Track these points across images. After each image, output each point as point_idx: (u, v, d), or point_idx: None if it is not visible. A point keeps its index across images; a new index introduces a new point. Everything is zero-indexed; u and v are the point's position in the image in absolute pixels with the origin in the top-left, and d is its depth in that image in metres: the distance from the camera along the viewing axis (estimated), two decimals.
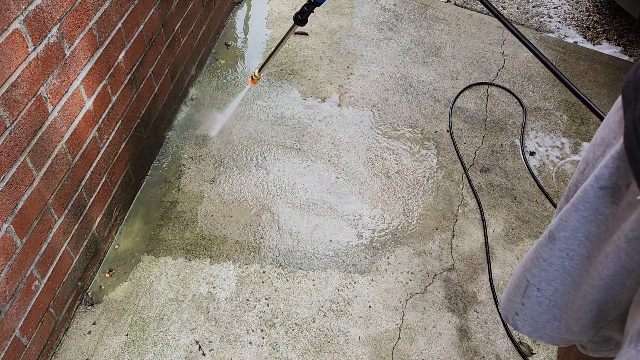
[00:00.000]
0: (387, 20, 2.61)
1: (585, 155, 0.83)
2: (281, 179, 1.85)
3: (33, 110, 1.13)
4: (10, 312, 1.16)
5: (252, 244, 1.66)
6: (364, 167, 1.92)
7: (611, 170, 0.74)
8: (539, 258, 0.90)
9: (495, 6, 2.81)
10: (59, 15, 1.16)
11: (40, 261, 1.25)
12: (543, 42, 2.59)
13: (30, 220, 1.18)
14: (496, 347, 1.48)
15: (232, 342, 1.43)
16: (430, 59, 2.41)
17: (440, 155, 1.99)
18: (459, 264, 1.66)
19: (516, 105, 2.23)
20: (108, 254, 1.61)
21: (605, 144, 0.78)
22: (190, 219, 1.71)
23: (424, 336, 1.48)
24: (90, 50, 1.31)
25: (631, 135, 0.66)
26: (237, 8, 2.59)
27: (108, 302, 1.49)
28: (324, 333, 1.47)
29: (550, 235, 0.87)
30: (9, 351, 1.17)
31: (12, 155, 1.08)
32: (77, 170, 1.35)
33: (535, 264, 0.92)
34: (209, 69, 2.26)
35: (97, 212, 1.51)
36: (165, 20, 1.74)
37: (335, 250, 1.66)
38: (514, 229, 1.77)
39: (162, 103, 1.85)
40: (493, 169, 1.96)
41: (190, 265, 1.59)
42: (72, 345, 1.41)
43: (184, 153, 1.91)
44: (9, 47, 1.01)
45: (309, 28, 2.52)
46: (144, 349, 1.40)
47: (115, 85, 1.47)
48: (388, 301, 1.55)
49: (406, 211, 1.79)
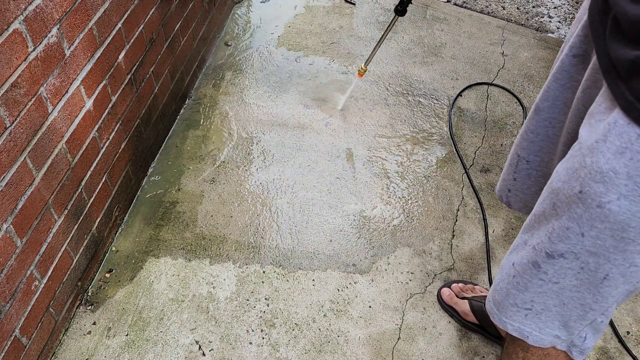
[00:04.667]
0: (387, 20, 2.61)
1: (565, 38, 0.94)
2: (281, 178, 1.85)
3: (33, 110, 1.13)
4: (10, 312, 1.16)
5: (252, 244, 1.66)
6: (364, 167, 1.92)
7: (581, 39, 0.85)
8: (527, 131, 1.01)
9: (496, 6, 2.82)
10: (59, 15, 1.16)
11: (40, 261, 1.25)
12: (543, 42, 2.59)
13: (30, 220, 1.18)
14: (496, 347, 1.48)
15: (232, 342, 1.43)
16: (430, 59, 2.41)
17: (440, 155, 1.99)
18: (459, 264, 1.66)
19: (516, 105, 2.23)
20: (108, 254, 1.61)
21: (578, 21, 0.88)
22: (190, 219, 1.71)
23: (424, 336, 1.48)
24: (90, 50, 1.31)
25: (592, 3, 0.76)
26: (237, 8, 2.59)
27: (108, 302, 1.49)
28: (324, 333, 1.47)
29: (536, 107, 0.98)
30: (8, 351, 1.17)
31: (12, 155, 1.08)
32: (77, 170, 1.35)
33: (524, 138, 1.02)
34: (209, 68, 2.26)
35: (97, 212, 1.51)
36: (165, 20, 1.74)
37: (335, 250, 1.66)
38: (514, 229, 1.77)
39: (162, 103, 1.85)
40: (493, 169, 1.96)
41: (190, 266, 1.59)
42: (72, 345, 1.41)
43: (184, 153, 1.91)
44: (8, 47, 1.01)
45: (309, 28, 2.52)
46: (144, 349, 1.40)
47: (115, 85, 1.47)
48: (388, 301, 1.55)
49: (406, 211, 1.79)
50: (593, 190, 0.71)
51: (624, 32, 0.67)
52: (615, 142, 0.67)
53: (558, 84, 0.91)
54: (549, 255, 0.82)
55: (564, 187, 0.76)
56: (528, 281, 0.87)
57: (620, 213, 0.69)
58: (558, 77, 0.91)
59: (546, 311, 0.89)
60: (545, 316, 0.90)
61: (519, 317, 0.93)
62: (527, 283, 0.88)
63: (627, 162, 0.67)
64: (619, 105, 0.67)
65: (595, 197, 0.71)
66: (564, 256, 0.80)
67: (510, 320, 0.94)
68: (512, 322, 0.94)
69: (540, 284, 0.86)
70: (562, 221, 0.77)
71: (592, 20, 0.74)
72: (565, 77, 0.90)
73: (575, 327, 0.89)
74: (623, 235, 0.71)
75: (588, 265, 0.78)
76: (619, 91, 0.67)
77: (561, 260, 0.81)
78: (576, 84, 0.88)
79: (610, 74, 0.69)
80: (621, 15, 0.66)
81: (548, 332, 0.91)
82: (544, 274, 0.84)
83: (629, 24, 0.65)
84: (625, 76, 0.66)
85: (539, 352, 0.97)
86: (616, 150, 0.67)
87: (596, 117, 0.72)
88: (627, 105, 0.66)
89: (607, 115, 0.70)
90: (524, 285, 0.88)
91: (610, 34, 0.69)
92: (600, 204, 0.71)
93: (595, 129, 0.71)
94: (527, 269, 0.87)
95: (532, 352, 0.98)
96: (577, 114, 0.85)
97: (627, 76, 0.66)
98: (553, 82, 0.92)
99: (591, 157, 0.70)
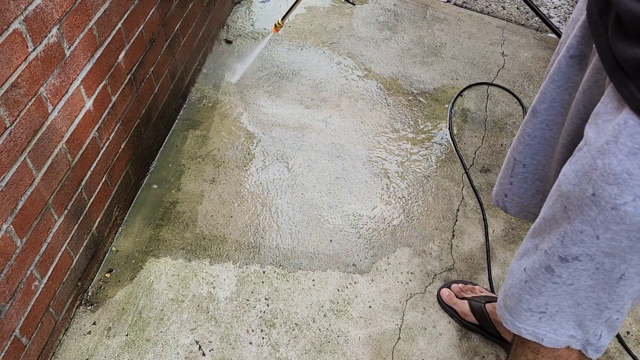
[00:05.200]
0: (387, 20, 2.61)
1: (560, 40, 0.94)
2: (281, 178, 1.85)
3: (33, 110, 1.13)
4: (10, 312, 1.16)
5: (252, 244, 1.66)
6: (364, 167, 1.92)
7: (578, 39, 0.84)
8: (524, 134, 1.00)
9: (496, 6, 2.82)
10: (59, 15, 1.16)
11: (40, 261, 1.25)
12: (543, 42, 2.59)
13: (30, 220, 1.18)
14: (496, 347, 1.48)
15: (232, 342, 1.43)
16: (430, 59, 2.41)
17: (440, 155, 1.99)
18: (459, 264, 1.66)
19: (516, 105, 2.23)
20: (108, 254, 1.61)
21: (574, 21, 0.87)
22: (190, 219, 1.71)
23: (424, 336, 1.48)
24: (90, 50, 1.31)
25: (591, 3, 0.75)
26: (237, 8, 2.59)
27: (108, 302, 1.49)
28: (324, 333, 1.47)
29: (533, 110, 0.97)
30: (8, 351, 1.17)
31: (12, 155, 1.08)
32: (77, 170, 1.35)
33: (520, 141, 1.01)
34: (209, 68, 2.26)
35: (97, 212, 1.51)
36: (165, 20, 1.74)
37: (335, 250, 1.66)
38: (514, 229, 1.77)
39: (162, 103, 1.85)
40: (493, 169, 1.96)
41: (190, 266, 1.59)
42: (72, 345, 1.41)
43: (184, 153, 1.91)
44: (8, 47, 1.01)
45: (309, 28, 2.52)
46: (144, 349, 1.40)
47: (115, 85, 1.47)
48: (388, 301, 1.55)
49: (406, 211, 1.79)
50: (607, 193, 0.70)
51: (628, 31, 0.66)
52: (627, 143, 0.67)
53: (555, 85, 0.91)
54: (562, 259, 0.81)
55: (575, 190, 0.75)
56: (542, 285, 0.86)
57: (636, 215, 0.69)
58: (555, 79, 0.90)
59: (560, 313, 0.88)
60: (560, 317, 0.89)
61: (533, 320, 0.92)
62: (540, 287, 0.87)
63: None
64: (628, 105, 0.66)
65: (609, 200, 0.70)
66: (579, 259, 0.79)
67: (525, 325, 0.93)
68: (527, 326, 0.93)
69: (555, 287, 0.85)
70: (575, 224, 0.77)
71: (592, 20, 0.73)
72: (563, 79, 0.89)
73: (590, 326, 0.89)
74: (639, 235, 0.71)
75: (603, 265, 0.78)
76: (628, 91, 0.66)
77: (575, 263, 0.80)
78: (573, 85, 0.87)
79: (616, 73, 0.68)
80: (625, 13, 0.65)
81: (563, 333, 0.91)
82: (558, 277, 0.83)
83: (633, 22, 0.64)
84: (633, 75, 0.66)
85: (550, 354, 0.97)
86: (629, 151, 0.67)
87: (603, 118, 0.71)
88: (637, 106, 0.65)
89: (614, 115, 0.69)
90: (538, 290, 0.87)
91: (614, 34, 0.68)
92: (615, 206, 0.70)
93: (604, 130, 0.70)
94: (539, 273, 0.86)
95: (543, 353, 0.98)
96: (578, 115, 0.84)
97: (636, 75, 0.65)
98: (550, 83, 0.91)
99: (602, 159, 0.70)
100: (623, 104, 0.67)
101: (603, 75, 0.72)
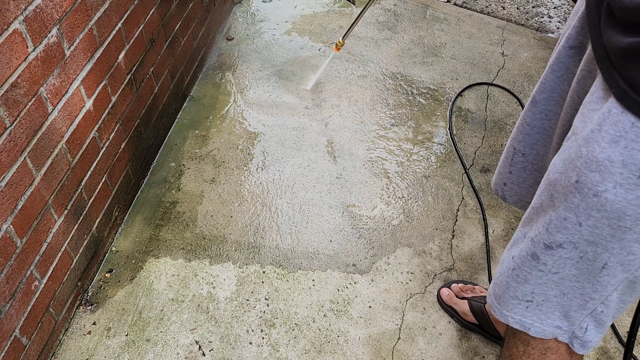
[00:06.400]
0: (387, 20, 2.61)
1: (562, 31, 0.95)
2: (281, 178, 1.85)
3: (33, 110, 1.13)
4: (10, 312, 1.16)
5: (252, 244, 1.66)
6: (364, 167, 1.92)
7: (577, 30, 0.85)
8: (524, 123, 1.01)
9: (496, 6, 2.82)
10: (59, 15, 1.16)
11: (40, 261, 1.25)
12: (543, 42, 2.59)
13: (30, 220, 1.18)
14: (496, 347, 1.48)
15: (232, 342, 1.43)
16: (430, 59, 2.41)
17: (440, 155, 1.99)
18: (459, 264, 1.66)
19: (516, 105, 2.23)
20: (108, 254, 1.61)
21: (575, 13, 0.88)
22: (190, 219, 1.71)
23: (424, 336, 1.48)
24: (90, 50, 1.31)
25: None
26: (237, 7, 2.59)
27: (108, 302, 1.50)
28: (324, 333, 1.47)
29: (532, 100, 0.97)
30: (8, 351, 1.17)
31: (12, 155, 1.08)
32: (77, 171, 1.35)
33: (520, 130, 1.02)
34: (209, 68, 2.26)
35: (97, 212, 1.51)
36: (165, 20, 1.74)
37: (335, 250, 1.66)
38: (514, 229, 1.77)
39: (162, 103, 1.85)
40: (493, 169, 1.96)
41: (190, 266, 1.59)
42: (72, 345, 1.41)
43: (184, 153, 1.91)
44: (8, 47, 1.01)
45: (309, 28, 2.52)
46: (144, 349, 1.40)
47: (115, 85, 1.48)
48: (388, 301, 1.55)
49: (406, 211, 1.79)
50: (589, 180, 0.71)
51: (617, 20, 0.67)
52: (609, 130, 0.67)
53: (554, 75, 0.91)
54: (547, 247, 0.82)
55: (561, 177, 0.76)
56: (528, 273, 0.88)
57: (616, 202, 0.70)
58: (554, 69, 0.91)
59: (547, 302, 0.89)
60: (546, 307, 0.90)
61: (520, 309, 0.93)
62: (527, 275, 0.88)
63: (622, 151, 0.67)
64: (612, 94, 0.67)
65: (591, 187, 0.71)
66: (563, 246, 0.80)
67: (512, 313, 0.94)
68: (514, 314, 0.94)
69: (540, 275, 0.86)
70: (559, 212, 0.78)
71: (589, 11, 0.74)
72: (562, 69, 0.90)
73: (576, 317, 0.89)
74: (620, 223, 0.72)
75: (587, 254, 0.79)
76: (613, 80, 0.67)
77: (560, 251, 0.81)
78: (572, 75, 0.88)
79: (604, 62, 0.69)
80: (613, 2, 0.66)
81: (549, 322, 0.92)
82: (544, 265, 0.84)
83: (621, 10, 0.65)
84: (618, 64, 0.66)
85: (539, 346, 0.97)
86: (611, 139, 0.67)
87: (589, 107, 0.72)
88: (620, 94, 0.66)
89: (600, 104, 0.70)
90: (524, 278, 0.89)
91: (605, 23, 0.69)
92: (596, 192, 0.71)
93: (590, 119, 0.71)
94: (526, 261, 0.87)
95: (533, 345, 0.98)
96: (572, 106, 0.85)
97: (620, 63, 0.66)
98: (550, 73, 0.92)
99: (587, 146, 0.70)
100: (609, 93, 0.68)
101: (596, 65, 0.73)
